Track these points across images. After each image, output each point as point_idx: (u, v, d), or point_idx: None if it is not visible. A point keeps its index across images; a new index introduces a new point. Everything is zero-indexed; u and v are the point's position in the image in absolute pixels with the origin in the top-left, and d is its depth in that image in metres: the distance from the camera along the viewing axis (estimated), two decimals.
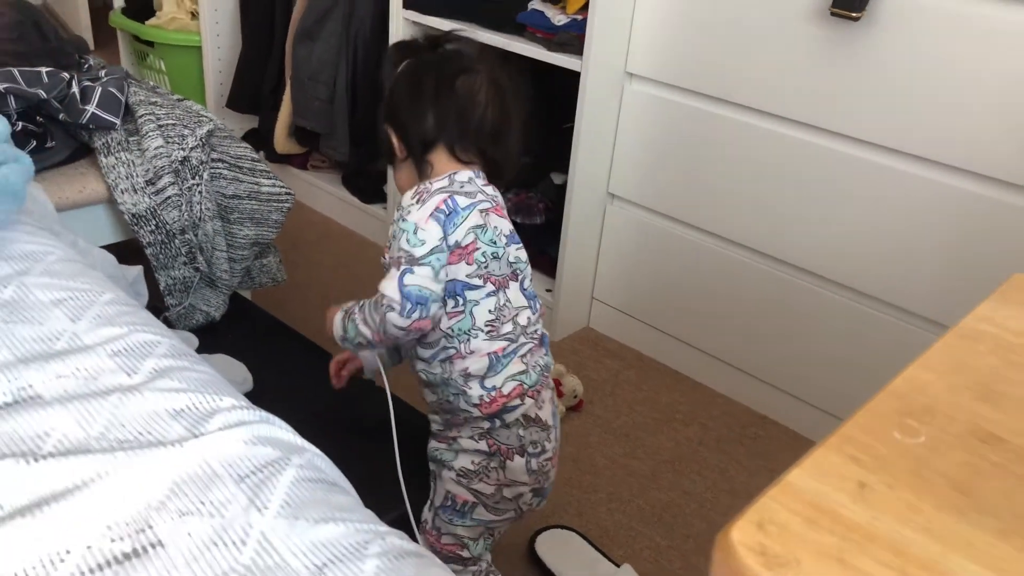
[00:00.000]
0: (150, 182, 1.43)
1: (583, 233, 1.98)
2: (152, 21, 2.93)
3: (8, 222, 1.00)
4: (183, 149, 1.45)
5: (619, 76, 1.84)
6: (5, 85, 1.37)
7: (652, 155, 1.87)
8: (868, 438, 0.51)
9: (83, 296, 0.91)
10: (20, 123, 1.41)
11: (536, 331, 1.14)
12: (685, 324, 1.94)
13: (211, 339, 1.44)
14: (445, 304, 1.07)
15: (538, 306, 1.16)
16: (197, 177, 1.46)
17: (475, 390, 1.09)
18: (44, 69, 1.45)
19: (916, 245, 1.54)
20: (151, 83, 1.68)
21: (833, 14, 1.49)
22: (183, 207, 1.44)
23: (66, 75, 1.46)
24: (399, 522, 1.08)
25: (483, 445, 1.12)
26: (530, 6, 1.89)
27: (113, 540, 0.62)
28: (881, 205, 1.56)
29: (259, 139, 2.65)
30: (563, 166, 1.92)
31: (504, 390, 1.10)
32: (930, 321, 1.55)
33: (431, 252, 1.04)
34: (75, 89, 1.45)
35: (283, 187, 1.58)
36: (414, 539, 0.78)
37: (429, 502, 1.20)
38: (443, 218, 1.05)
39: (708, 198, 1.80)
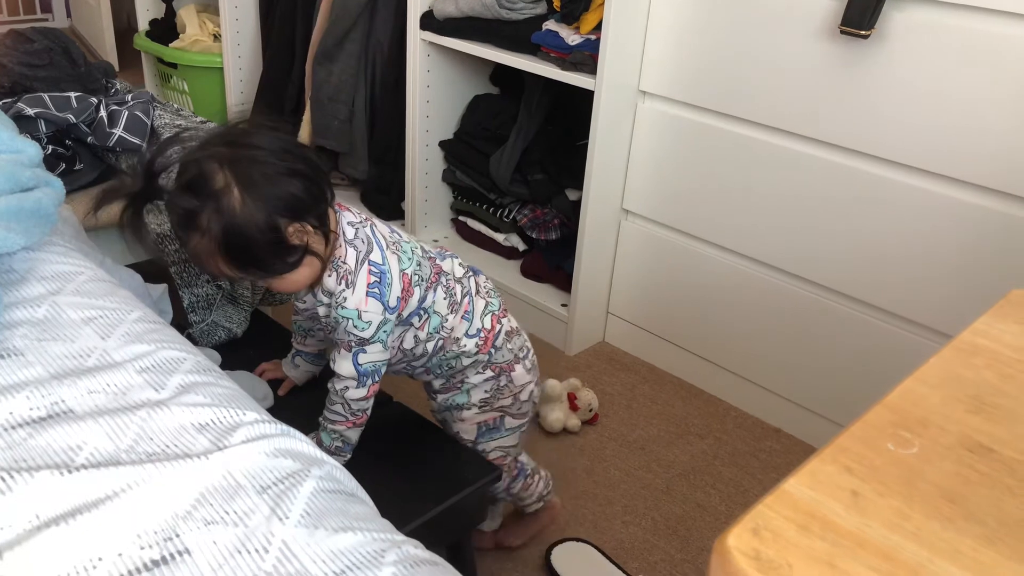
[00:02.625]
0: None
1: (598, 248, 2.00)
2: (175, 43, 3.00)
3: (41, 244, 1.04)
4: None
5: (632, 94, 1.87)
6: (36, 110, 1.42)
7: (665, 171, 1.89)
8: (862, 449, 0.53)
9: (112, 314, 0.95)
10: (50, 146, 1.46)
11: (465, 265, 1.26)
12: (699, 338, 1.95)
13: (233, 356, 1.47)
14: (408, 325, 1.18)
15: (441, 247, 1.27)
16: None
17: (468, 343, 1.23)
18: (73, 94, 1.50)
19: (927, 259, 1.55)
20: (175, 106, 1.73)
21: (842, 32, 1.51)
22: None
23: (94, 99, 1.50)
24: (416, 532, 1.10)
25: (488, 372, 1.28)
26: (544, 26, 1.93)
27: (142, 548, 0.65)
28: (892, 219, 1.57)
29: None
30: (578, 182, 1.95)
31: (486, 325, 1.25)
32: (941, 334, 1.56)
33: (378, 329, 1.11)
34: (103, 113, 1.50)
35: None
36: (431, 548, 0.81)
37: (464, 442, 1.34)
38: (377, 290, 1.09)
39: (721, 213, 1.82)
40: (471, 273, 1.27)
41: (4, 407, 0.76)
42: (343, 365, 1.13)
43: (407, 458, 1.28)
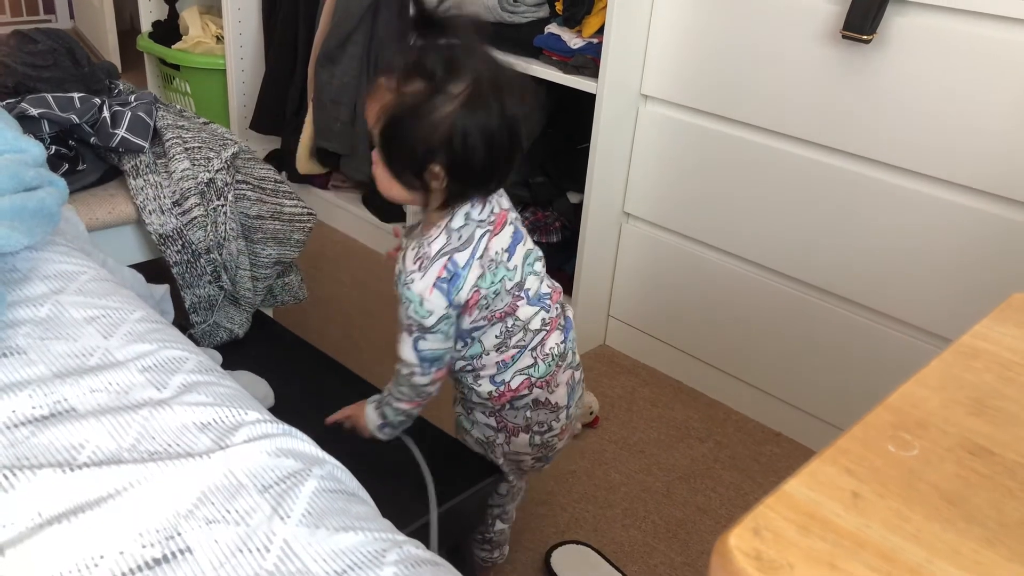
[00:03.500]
0: (177, 203, 1.48)
1: (599, 251, 2.01)
2: (178, 45, 3.01)
3: (44, 243, 1.05)
4: (209, 171, 1.50)
5: (634, 98, 1.87)
6: (40, 110, 1.43)
7: (667, 175, 1.89)
8: (863, 450, 0.53)
9: (115, 314, 0.95)
10: (53, 147, 1.46)
11: (550, 320, 1.17)
12: (700, 341, 1.95)
13: (235, 356, 1.48)
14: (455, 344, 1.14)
15: (549, 300, 1.18)
16: (222, 198, 1.50)
17: (485, 386, 1.17)
18: (76, 94, 1.50)
19: (929, 263, 1.55)
20: (178, 107, 1.73)
21: (844, 37, 1.51)
22: (208, 227, 1.48)
23: (97, 100, 1.51)
24: (416, 532, 1.10)
25: (492, 421, 1.22)
26: (547, 30, 1.93)
27: (144, 546, 0.65)
28: (893, 223, 1.58)
29: (282, 160, 2.71)
30: (579, 185, 1.96)
31: (512, 384, 1.16)
32: (942, 338, 1.56)
33: (440, 320, 1.09)
34: (106, 114, 1.50)
35: (305, 208, 1.63)
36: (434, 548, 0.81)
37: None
38: (445, 287, 1.07)
39: (722, 217, 1.83)
40: (549, 327, 1.17)
41: (7, 405, 0.76)
42: (405, 350, 1.12)
43: (407, 460, 1.28)
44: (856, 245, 1.64)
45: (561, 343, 1.19)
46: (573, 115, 2.14)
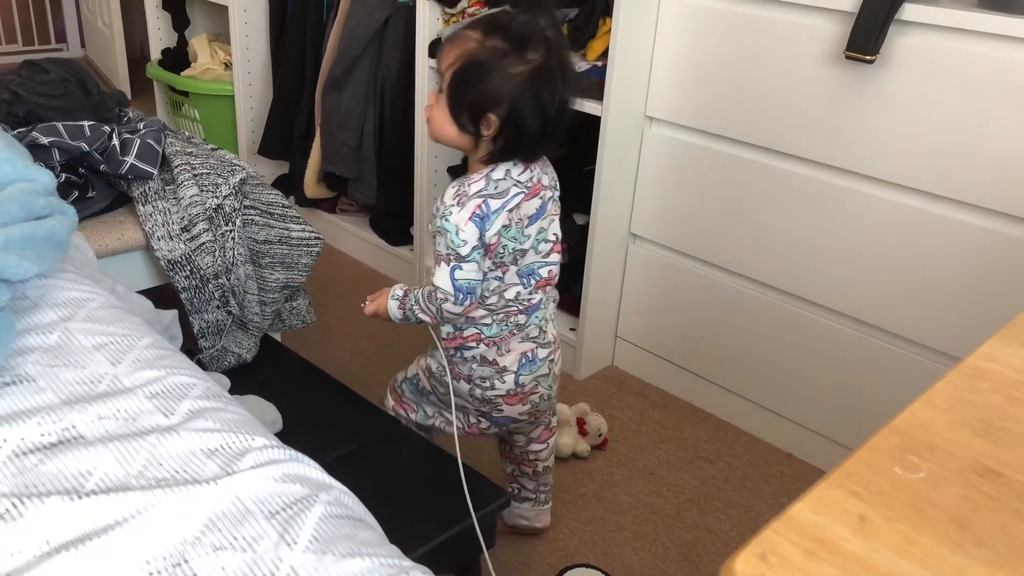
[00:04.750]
0: (185, 229, 1.49)
1: (606, 272, 2.01)
2: (187, 72, 3.04)
3: (53, 271, 1.06)
4: (217, 197, 1.51)
5: (639, 120, 1.88)
6: (50, 139, 1.44)
7: (673, 195, 1.90)
8: (869, 473, 0.53)
9: (123, 340, 0.95)
10: (63, 174, 1.48)
11: (526, 300, 1.30)
12: (709, 362, 1.95)
13: (243, 380, 1.48)
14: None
15: (535, 281, 1.30)
16: (230, 224, 1.52)
17: (446, 327, 1.31)
18: (86, 123, 1.52)
19: (935, 282, 1.55)
20: (187, 133, 1.75)
21: (848, 57, 1.52)
22: (216, 253, 1.49)
23: (107, 128, 1.52)
24: (424, 557, 1.10)
25: (444, 360, 1.34)
26: None
27: (151, 574, 0.65)
28: (901, 243, 1.58)
29: (289, 184, 2.73)
30: (585, 207, 1.96)
31: (464, 333, 1.30)
32: (952, 357, 1.55)
33: (473, 249, 1.21)
34: (115, 141, 1.52)
35: (312, 232, 1.64)
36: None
37: (404, 371, 1.47)
38: (479, 221, 1.20)
39: (728, 237, 1.83)
40: (523, 305, 1.29)
41: (16, 433, 0.77)
42: (441, 278, 1.22)
43: (415, 483, 1.28)
44: (862, 264, 1.63)
45: (527, 320, 1.31)
46: (578, 137, 2.15)
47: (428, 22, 2.15)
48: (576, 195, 2.12)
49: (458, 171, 2.33)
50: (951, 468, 0.53)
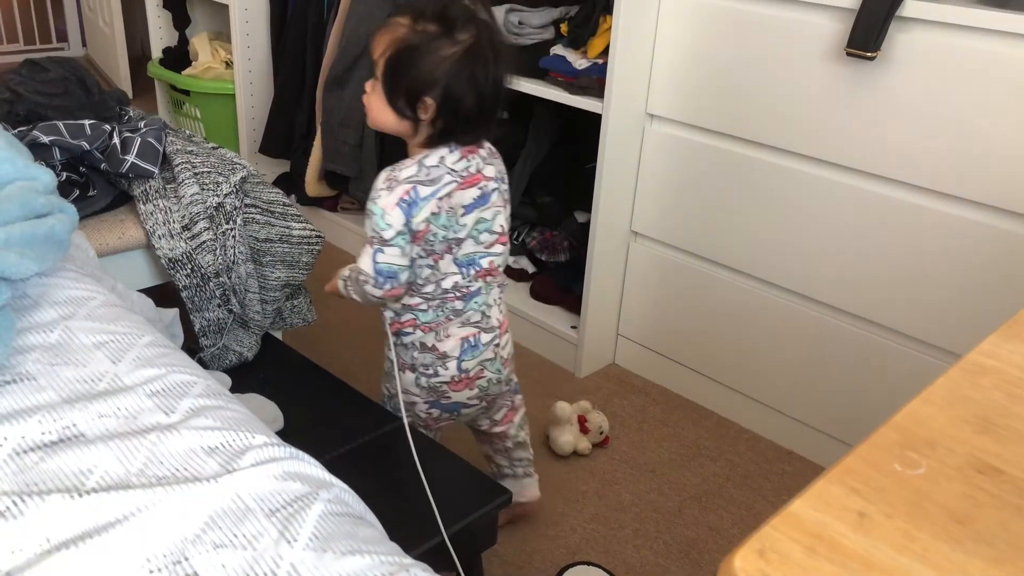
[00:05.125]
0: (186, 227, 1.49)
1: (607, 270, 2.01)
2: (188, 71, 3.04)
3: (54, 269, 1.06)
4: (218, 195, 1.51)
5: (640, 117, 1.88)
6: (51, 138, 1.44)
7: (674, 193, 1.90)
8: (869, 470, 0.53)
9: (123, 339, 0.95)
10: (64, 173, 1.48)
11: (464, 287, 1.30)
12: (710, 359, 1.95)
13: (244, 379, 1.48)
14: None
15: (474, 270, 1.30)
16: (231, 222, 1.52)
17: (388, 313, 1.34)
18: (87, 121, 1.52)
19: (937, 278, 1.55)
20: (187, 132, 1.75)
21: (849, 54, 1.52)
22: (217, 251, 1.49)
23: (107, 127, 1.52)
24: (425, 555, 1.10)
25: (392, 354, 1.36)
26: (552, 51, 1.94)
27: (152, 571, 0.65)
28: (901, 239, 1.57)
29: (290, 183, 2.73)
30: (586, 205, 1.96)
31: (402, 319, 1.32)
32: (951, 354, 1.55)
33: (397, 234, 1.22)
34: (116, 140, 1.52)
35: (313, 230, 1.63)
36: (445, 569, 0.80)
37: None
38: (405, 207, 1.21)
39: (729, 234, 1.83)
40: (460, 293, 1.30)
41: (16, 431, 0.77)
42: (364, 261, 1.24)
43: (416, 481, 1.28)
44: (863, 261, 1.63)
45: (465, 306, 1.31)
46: (579, 135, 2.15)
47: None
48: (577, 193, 2.12)
49: None
50: (951, 465, 0.53)
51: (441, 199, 1.22)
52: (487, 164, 1.28)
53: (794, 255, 1.73)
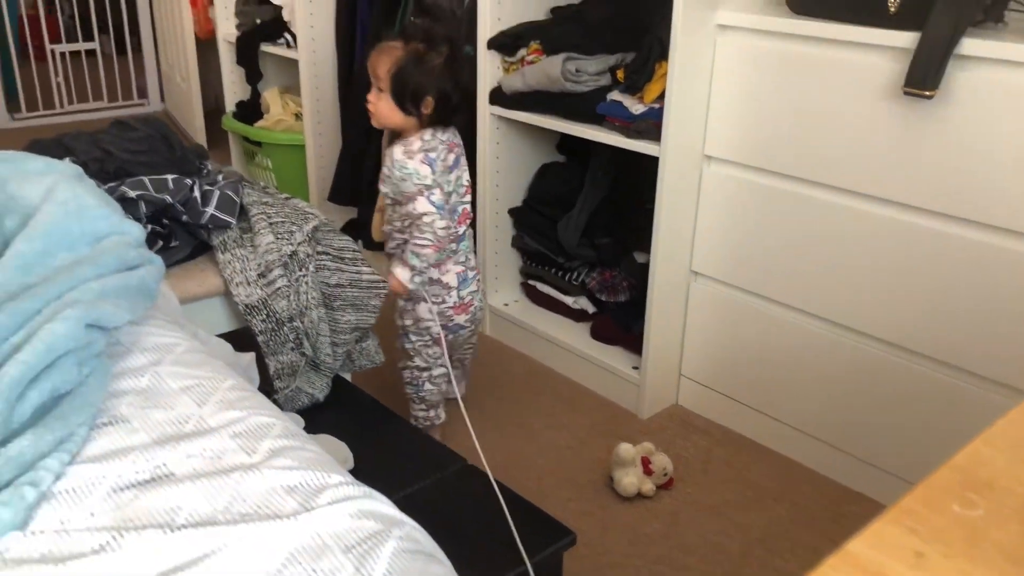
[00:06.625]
0: (262, 275, 1.56)
1: (668, 310, 2.02)
2: (260, 123, 3.18)
3: (143, 318, 1.13)
4: (291, 244, 1.58)
5: (698, 159, 1.91)
6: (138, 192, 1.54)
7: (733, 233, 1.91)
8: (927, 510, 0.54)
9: (208, 383, 1.01)
10: (149, 225, 1.57)
11: (454, 232, 1.73)
12: (773, 399, 1.94)
13: (316, 419, 1.53)
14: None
15: (455, 216, 1.73)
16: (304, 269, 1.58)
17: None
18: (170, 176, 1.61)
19: (1004, 317, 1.52)
20: (262, 183, 1.84)
21: (906, 93, 1.52)
22: (291, 297, 1.56)
23: (189, 181, 1.62)
24: None
25: (412, 316, 1.81)
26: (609, 97, 1.99)
27: None
28: (965, 276, 1.55)
29: (358, 229, 2.81)
30: (645, 245, 1.98)
31: (429, 262, 1.73)
32: (1020, 391, 1.52)
33: (433, 181, 1.64)
34: (196, 193, 1.61)
35: (380, 275, 1.69)
36: None
37: (399, 340, 1.92)
38: (429, 163, 1.65)
39: (789, 273, 1.83)
40: (453, 239, 1.74)
41: (113, 470, 0.83)
42: (423, 205, 1.64)
43: (480, 521, 1.31)
44: (928, 299, 1.62)
45: (454, 243, 1.75)
46: (637, 175, 2.18)
47: (489, 70, 2.22)
48: (636, 233, 2.15)
49: (519, 213, 2.37)
50: (1010, 506, 0.54)
51: (441, 161, 1.67)
52: (454, 136, 1.72)
53: (855, 293, 1.72)
